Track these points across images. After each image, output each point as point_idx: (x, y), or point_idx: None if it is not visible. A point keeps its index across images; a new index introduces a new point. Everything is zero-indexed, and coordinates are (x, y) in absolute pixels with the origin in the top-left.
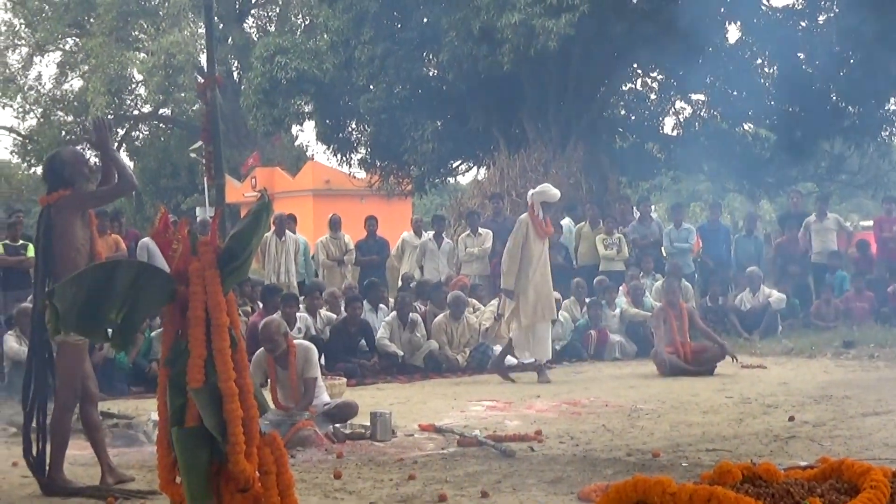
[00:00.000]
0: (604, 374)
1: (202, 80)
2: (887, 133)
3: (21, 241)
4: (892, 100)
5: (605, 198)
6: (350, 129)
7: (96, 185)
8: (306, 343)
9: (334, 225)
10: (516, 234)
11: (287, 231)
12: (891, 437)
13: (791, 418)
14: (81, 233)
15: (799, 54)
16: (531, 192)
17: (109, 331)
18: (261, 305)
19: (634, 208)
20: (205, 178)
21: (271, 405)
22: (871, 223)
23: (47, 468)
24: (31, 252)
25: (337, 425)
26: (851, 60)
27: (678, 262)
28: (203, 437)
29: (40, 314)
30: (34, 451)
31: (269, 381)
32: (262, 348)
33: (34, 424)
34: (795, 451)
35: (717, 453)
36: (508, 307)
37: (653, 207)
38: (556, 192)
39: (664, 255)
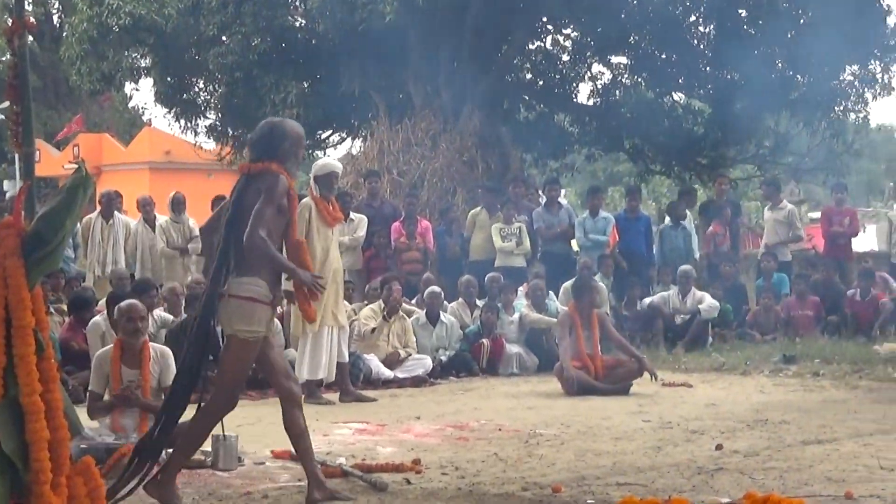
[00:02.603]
0: (498, 392)
1: (10, 25)
2: (841, 108)
3: None
4: (847, 68)
5: (505, 178)
6: (196, 90)
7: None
8: (162, 346)
9: (177, 205)
10: (298, 223)
11: (116, 213)
12: (835, 469)
13: (719, 447)
14: (278, 216)
15: (740, 11)
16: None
17: None
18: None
19: (540, 192)
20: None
21: (88, 424)
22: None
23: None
24: None
25: (171, 451)
26: (801, 20)
27: (591, 258)
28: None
29: (210, 296)
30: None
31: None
32: (103, 348)
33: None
34: (722, 486)
35: (630, 488)
36: (293, 314)
37: (562, 192)
38: (336, 164)
39: (574, 248)
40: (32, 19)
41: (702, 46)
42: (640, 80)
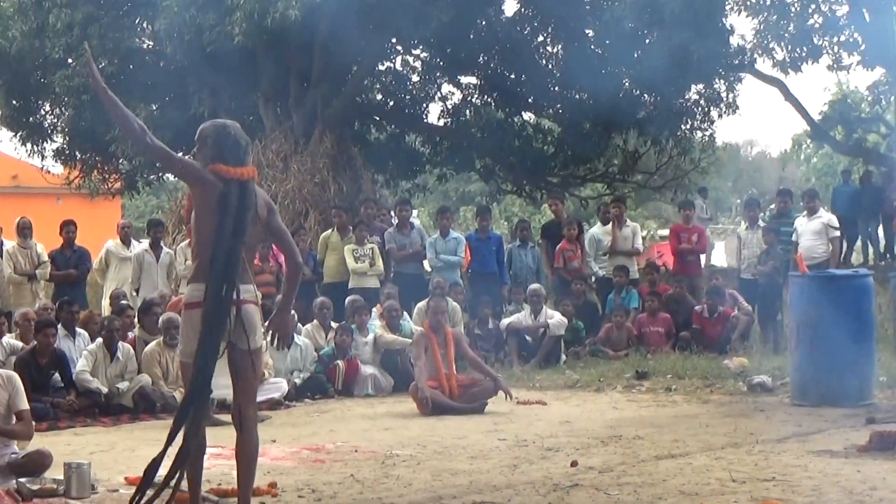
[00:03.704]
0: (353, 414)
1: None
2: (688, 126)
3: None
4: (693, 88)
5: (357, 200)
6: (43, 113)
7: None
8: (9, 371)
9: (24, 230)
10: None
11: None
12: (688, 483)
13: (574, 463)
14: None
15: (587, 31)
16: None
17: None
18: None
19: (392, 213)
20: None
21: None
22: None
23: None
24: None
25: (22, 480)
26: (647, 40)
27: (444, 278)
28: None
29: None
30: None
31: None
32: None
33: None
34: (578, 503)
35: None
36: None
37: (414, 212)
38: None
39: (427, 269)
40: None
41: (550, 66)
42: (489, 99)
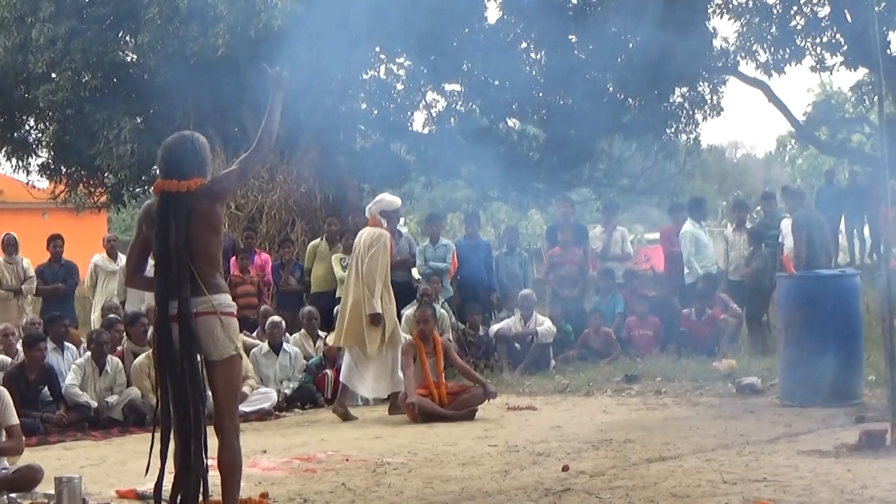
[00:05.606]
0: (344, 423)
1: None
2: (673, 130)
3: None
4: (677, 91)
5: (344, 209)
6: (27, 128)
7: None
8: None
9: (9, 246)
10: (385, 253)
11: None
12: (679, 485)
13: (565, 468)
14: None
15: (570, 37)
16: (370, 206)
17: None
18: None
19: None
20: None
21: None
22: (657, 235)
23: None
24: None
25: (13, 495)
26: (631, 45)
27: (432, 286)
28: None
29: (187, 317)
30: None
31: None
32: None
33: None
34: None
35: None
36: (386, 334)
37: (401, 220)
38: (397, 200)
39: (416, 276)
40: None
41: (534, 72)
42: (474, 106)
